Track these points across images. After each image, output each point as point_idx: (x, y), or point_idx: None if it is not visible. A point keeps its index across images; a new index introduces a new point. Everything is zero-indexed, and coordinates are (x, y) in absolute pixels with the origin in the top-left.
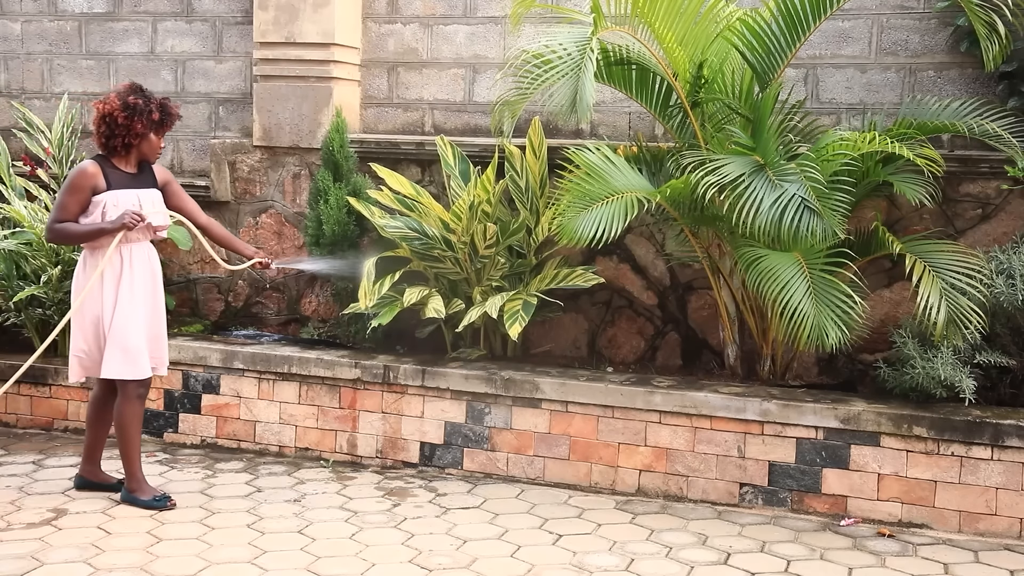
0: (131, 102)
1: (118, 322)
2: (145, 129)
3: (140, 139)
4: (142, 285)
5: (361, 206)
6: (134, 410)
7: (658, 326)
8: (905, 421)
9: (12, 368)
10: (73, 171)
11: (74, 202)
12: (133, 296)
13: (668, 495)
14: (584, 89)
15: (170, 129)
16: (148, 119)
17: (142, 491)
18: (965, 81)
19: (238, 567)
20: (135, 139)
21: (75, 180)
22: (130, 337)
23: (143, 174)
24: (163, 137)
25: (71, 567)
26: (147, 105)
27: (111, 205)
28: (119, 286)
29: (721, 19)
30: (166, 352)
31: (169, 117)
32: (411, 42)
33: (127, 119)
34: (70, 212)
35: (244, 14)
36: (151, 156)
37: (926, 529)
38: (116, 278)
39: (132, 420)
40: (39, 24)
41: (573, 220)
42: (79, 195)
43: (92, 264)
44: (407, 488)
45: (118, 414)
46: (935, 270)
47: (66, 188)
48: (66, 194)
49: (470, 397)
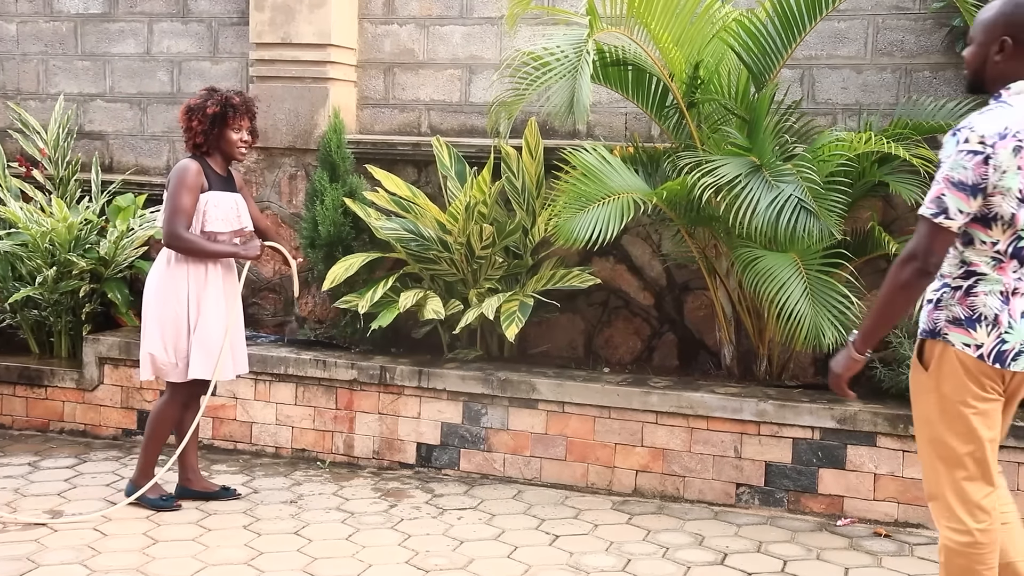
0: (191, 103)
1: (203, 325)
2: (202, 125)
3: (207, 137)
4: (226, 290)
5: (357, 207)
6: (174, 414)
7: (655, 327)
8: (901, 421)
9: (8, 370)
10: (179, 171)
11: (191, 202)
12: (218, 301)
13: (665, 495)
14: (581, 91)
15: (245, 119)
16: (203, 115)
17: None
18: (961, 82)
19: (234, 568)
20: (199, 137)
21: (187, 179)
22: (211, 340)
23: (230, 177)
24: (243, 131)
25: (67, 569)
26: (204, 102)
27: (212, 206)
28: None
29: (717, 20)
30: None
31: (232, 108)
32: (407, 43)
33: (187, 120)
34: (189, 213)
35: (240, 15)
36: (232, 153)
37: (922, 529)
38: (202, 283)
39: (168, 422)
40: (35, 25)
41: (569, 221)
42: (193, 194)
43: (178, 269)
44: (404, 489)
45: (159, 413)
46: None
47: (178, 189)
48: (181, 195)
49: (467, 398)
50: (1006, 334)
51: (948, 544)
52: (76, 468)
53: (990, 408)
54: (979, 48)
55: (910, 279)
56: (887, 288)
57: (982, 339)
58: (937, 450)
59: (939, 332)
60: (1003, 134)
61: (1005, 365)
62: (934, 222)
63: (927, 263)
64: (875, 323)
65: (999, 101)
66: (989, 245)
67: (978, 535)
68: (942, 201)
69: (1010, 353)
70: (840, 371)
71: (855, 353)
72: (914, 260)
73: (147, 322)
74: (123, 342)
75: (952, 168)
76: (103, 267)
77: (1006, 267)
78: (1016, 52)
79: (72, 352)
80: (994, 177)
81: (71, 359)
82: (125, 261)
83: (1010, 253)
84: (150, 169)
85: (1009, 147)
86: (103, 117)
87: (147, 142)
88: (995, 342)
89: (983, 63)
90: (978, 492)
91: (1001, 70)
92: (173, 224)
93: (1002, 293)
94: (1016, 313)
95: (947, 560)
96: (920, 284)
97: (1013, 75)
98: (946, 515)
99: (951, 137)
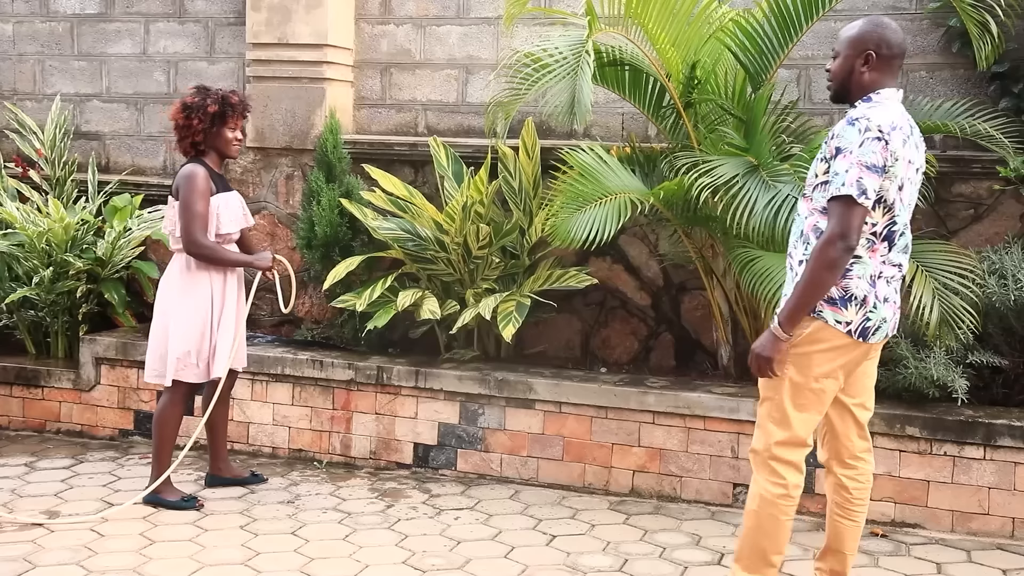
0: (188, 101)
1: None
2: (203, 124)
3: (206, 135)
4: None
5: (354, 207)
6: (179, 413)
7: (652, 327)
8: (898, 421)
9: (4, 371)
10: (189, 178)
11: (205, 208)
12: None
13: (662, 495)
14: (582, 92)
15: (241, 118)
16: (204, 114)
17: (168, 492)
18: (957, 82)
19: (232, 568)
20: (198, 136)
21: (199, 185)
22: (224, 341)
23: (223, 176)
24: (238, 129)
25: (64, 569)
26: (203, 100)
27: (223, 208)
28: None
29: (714, 20)
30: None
31: (231, 107)
32: (404, 43)
33: (186, 119)
34: (206, 219)
35: (237, 15)
36: (228, 151)
37: (919, 529)
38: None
39: (174, 423)
40: (31, 25)
41: (566, 221)
42: (206, 199)
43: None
44: (401, 489)
45: (163, 415)
46: (928, 270)
47: (192, 196)
48: (195, 201)
49: (464, 398)
50: (871, 312)
51: (763, 494)
52: (73, 469)
53: (832, 387)
54: (845, 61)
55: (837, 257)
56: (814, 268)
57: (851, 317)
58: (775, 412)
59: (814, 309)
60: (893, 126)
61: (867, 339)
62: (857, 202)
63: (851, 240)
64: (801, 302)
65: (875, 101)
66: (869, 226)
67: (791, 489)
68: (862, 183)
69: (871, 329)
70: (770, 354)
71: (782, 334)
72: (842, 240)
73: (172, 327)
74: (120, 342)
75: (863, 153)
76: (100, 267)
77: (877, 250)
78: (878, 64)
79: (69, 352)
80: (890, 162)
81: (68, 359)
82: (122, 261)
83: (884, 235)
84: (147, 169)
85: (899, 138)
86: (100, 117)
87: (144, 142)
88: (862, 320)
89: (849, 75)
90: (798, 454)
91: (865, 80)
92: (193, 232)
93: (871, 277)
94: (880, 296)
95: (759, 507)
96: (846, 260)
97: (874, 85)
98: (767, 470)
99: (850, 126)
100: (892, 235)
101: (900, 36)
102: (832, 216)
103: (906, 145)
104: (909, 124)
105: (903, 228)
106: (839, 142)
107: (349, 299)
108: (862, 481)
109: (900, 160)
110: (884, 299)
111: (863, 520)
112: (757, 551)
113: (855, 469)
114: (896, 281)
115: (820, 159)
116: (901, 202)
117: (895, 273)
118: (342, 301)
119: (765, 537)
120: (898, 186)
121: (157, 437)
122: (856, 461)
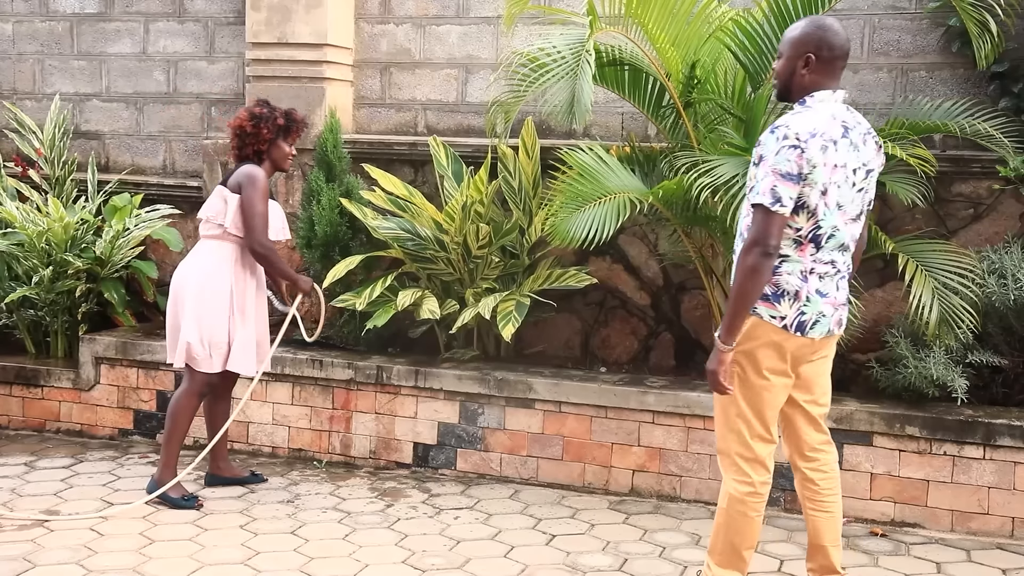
0: (256, 112)
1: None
2: (271, 134)
3: (269, 145)
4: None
5: (353, 207)
6: (194, 404)
7: (651, 326)
8: (898, 421)
9: (4, 370)
10: (251, 177)
11: (266, 209)
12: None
13: (661, 495)
14: (582, 92)
15: (298, 136)
16: (273, 124)
17: (171, 488)
18: (957, 81)
19: (231, 568)
20: (263, 145)
21: (262, 186)
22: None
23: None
24: (293, 145)
25: (63, 569)
26: (272, 113)
27: (273, 216)
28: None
29: (714, 19)
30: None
31: (295, 123)
32: (404, 42)
33: (255, 127)
34: (267, 219)
35: (236, 14)
36: (282, 163)
37: (919, 528)
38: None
39: (188, 413)
40: (30, 25)
41: (566, 221)
42: (267, 201)
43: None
44: (400, 489)
45: (178, 404)
46: (927, 270)
47: (256, 196)
48: (258, 201)
49: (463, 398)
50: (805, 306)
51: (732, 492)
52: (72, 468)
53: (781, 382)
54: (787, 62)
55: (757, 263)
56: (739, 278)
57: (785, 311)
58: (731, 412)
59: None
60: (813, 133)
61: (805, 333)
62: (772, 210)
63: (769, 246)
64: (735, 313)
65: (804, 106)
66: (793, 231)
67: (759, 487)
68: (776, 191)
69: (808, 323)
70: (716, 367)
71: (724, 346)
72: (757, 246)
73: (186, 312)
74: (119, 342)
75: (778, 162)
76: (99, 267)
77: (805, 249)
78: (818, 66)
79: (68, 352)
80: (806, 170)
81: (67, 359)
82: (121, 261)
83: (809, 238)
84: (146, 169)
85: (818, 145)
86: (99, 117)
87: (143, 142)
88: (796, 314)
89: (791, 75)
90: (762, 450)
91: (806, 82)
92: (256, 230)
93: (802, 272)
94: (812, 289)
95: (728, 505)
96: (767, 266)
97: (814, 86)
98: (733, 469)
99: (770, 135)
100: (818, 238)
101: (842, 38)
102: (752, 223)
103: (827, 151)
104: (843, 126)
105: (831, 230)
106: (761, 149)
107: (349, 298)
108: (826, 471)
109: (820, 167)
110: (819, 293)
111: (838, 510)
112: (729, 546)
113: (816, 461)
114: (832, 278)
115: (752, 163)
116: (827, 206)
117: (828, 270)
118: (342, 300)
119: (736, 533)
120: (820, 191)
121: (169, 427)
122: (816, 453)
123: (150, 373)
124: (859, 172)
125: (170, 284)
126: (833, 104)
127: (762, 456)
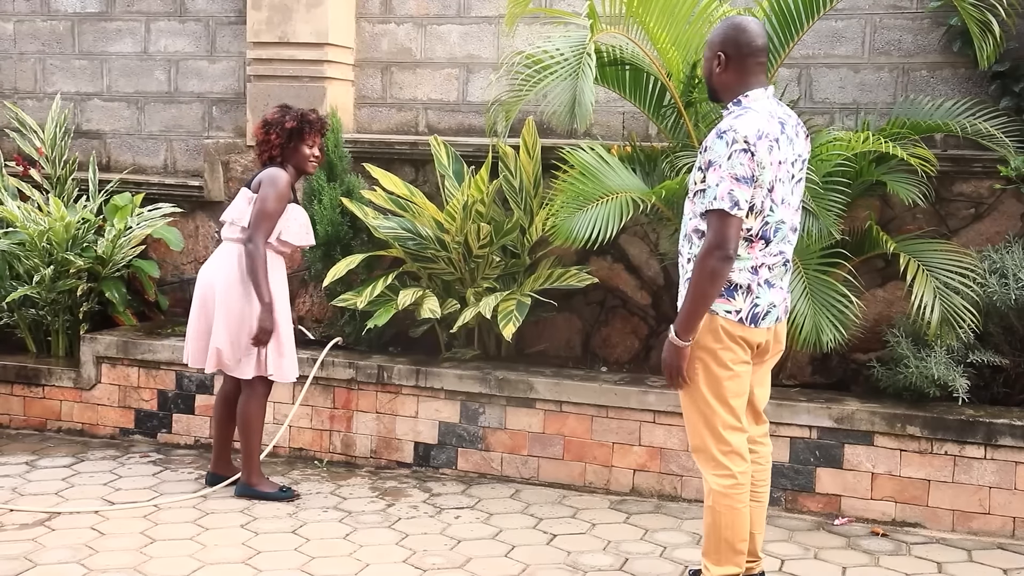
0: (268, 117)
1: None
2: (280, 139)
3: (283, 150)
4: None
5: (354, 206)
6: (261, 406)
7: (652, 326)
8: (899, 420)
9: (5, 369)
10: (273, 178)
11: (279, 211)
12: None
13: (662, 495)
14: (583, 93)
15: (319, 137)
16: (281, 129)
17: (263, 484)
18: (958, 81)
19: (232, 567)
20: (275, 151)
21: (281, 188)
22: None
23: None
24: (315, 146)
25: (64, 568)
26: (282, 117)
27: (293, 218)
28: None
29: (715, 19)
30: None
31: (308, 125)
32: (405, 42)
33: (265, 134)
34: (275, 222)
35: (237, 14)
36: (303, 166)
37: (920, 528)
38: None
39: (259, 416)
40: (32, 24)
41: (567, 220)
42: (283, 204)
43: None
44: (401, 488)
45: (246, 411)
46: (929, 269)
47: (271, 195)
48: (272, 202)
49: (464, 397)
50: (757, 299)
51: (715, 488)
52: (73, 467)
53: (744, 370)
54: (705, 63)
55: (717, 266)
56: (697, 279)
57: (740, 305)
58: (701, 408)
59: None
60: (759, 135)
61: (758, 324)
62: (730, 214)
63: (728, 249)
64: (692, 311)
65: (742, 107)
66: (744, 231)
67: (740, 477)
68: (733, 195)
69: (761, 314)
70: (676, 361)
71: (681, 342)
72: (717, 249)
73: (217, 317)
74: (120, 341)
75: (732, 166)
76: (100, 266)
77: (755, 246)
78: (733, 65)
79: (69, 351)
80: (758, 172)
81: (68, 358)
82: (123, 260)
83: (760, 235)
84: (147, 168)
85: (765, 146)
86: (100, 116)
87: (144, 141)
88: (750, 306)
89: (709, 75)
90: (737, 440)
91: (723, 81)
92: (258, 230)
93: (752, 267)
94: (763, 281)
95: (714, 502)
96: (726, 268)
97: (733, 85)
98: (712, 464)
99: (718, 139)
100: (767, 234)
101: (752, 36)
102: (709, 228)
103: (773, 151)
104: (780, 122)
105: (777, 224)
106: (710, 155)
107: (350, 298)
108: (762, 464)
109: (768, 167)
110: (768, 283)
111: (766, 500)
112: (723, 543)
113: (755, 454)
114: (779, 268)
115: (697, 168)
116: (773, 202)
117: (777, 261)
118: (343, 300)
119: (727, 528)
120: (767, 190)
121: (244, 433)
122: (756, 446)
123: (151, 372)
124: (796, 164)
125: (194, 287)
126: (767, 101)
127: (738, 446)
